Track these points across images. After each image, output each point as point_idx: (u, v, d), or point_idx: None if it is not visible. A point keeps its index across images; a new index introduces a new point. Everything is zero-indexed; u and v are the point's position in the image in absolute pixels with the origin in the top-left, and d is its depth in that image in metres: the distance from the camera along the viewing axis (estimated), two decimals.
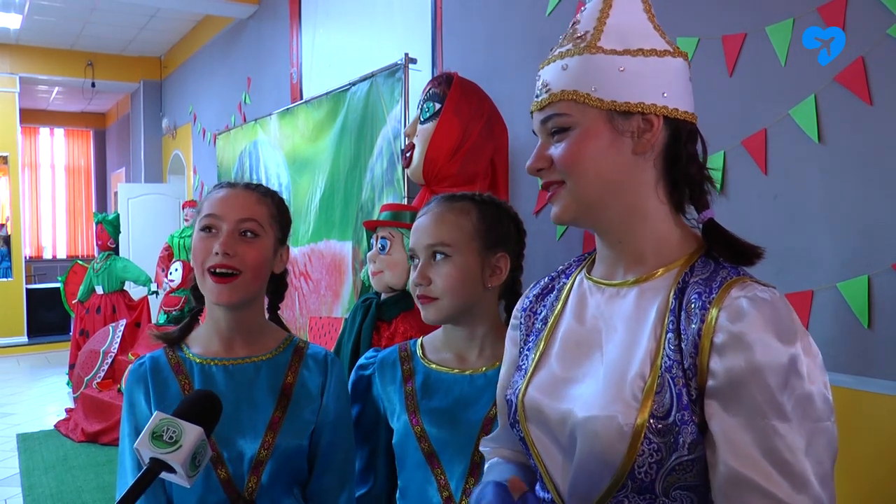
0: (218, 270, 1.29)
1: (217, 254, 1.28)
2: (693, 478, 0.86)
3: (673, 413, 0.86)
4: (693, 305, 0.88)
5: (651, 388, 0.87)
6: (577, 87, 0.94)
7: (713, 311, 0.86)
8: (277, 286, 1.45)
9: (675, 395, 0.86)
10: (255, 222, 1.33)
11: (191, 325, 1.42)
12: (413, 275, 1.34)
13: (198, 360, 1.35)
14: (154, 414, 0.99)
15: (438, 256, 1.31)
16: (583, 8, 1.00)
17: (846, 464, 1.85)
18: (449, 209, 1.34)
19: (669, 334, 0.89)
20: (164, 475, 0.97)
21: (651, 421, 0.86)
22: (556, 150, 0.96)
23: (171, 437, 0.97)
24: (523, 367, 1.06)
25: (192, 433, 0.98)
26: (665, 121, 0.94)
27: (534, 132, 1.01)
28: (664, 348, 0.89)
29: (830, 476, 0.82)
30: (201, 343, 1.38)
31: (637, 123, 0.93)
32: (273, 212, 1.38)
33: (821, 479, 0.81)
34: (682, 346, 0.87)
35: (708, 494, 0.87)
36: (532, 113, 1.01)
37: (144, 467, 0.96)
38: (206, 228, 1.32)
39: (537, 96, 1.00)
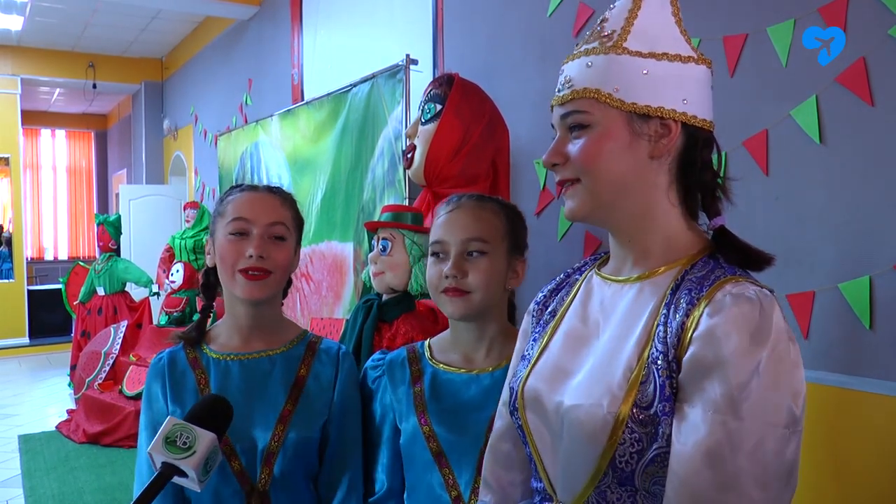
0: (251, 272, 1.35)
1: (251, 256, 1.35)
2: None
3: (655, 404, 0.87)
4: (682, 300, 0.90)
5: (637, 379, 0.89)
6: (600, 86, 0.95)
7: (700, 307, 0.87)
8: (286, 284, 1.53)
9: (658, 386, 0.87)
10: (283, 225, 1.40)
11: (204, 322, 1.48)
12: (442, 267, 1.32)
13: (214, 356, 1.41)
14: (167, 419, 1.01)
15: (474, 252, 1.31)
16: (612, 6, 1.00)
17: (848, 465, 1.85)
18: (483, 208, 1.35)
19: (660, 327, 0.90)
20: (175, 479, 0.99)
21: (634, 410, 0.87)
22: (574, 147, 0.97)
23: (184, 443, 0.99)
24: (527, 356, 1.08)
25: (205, 439, 1.00)
26: (682, 127, 0.95)
27: (552, 126, 1.02)
28: (653, 340, 0.90)
29: (776, 481, 0.81)
30: (220, 339, 1.44)
31: (655, 127, 0.94)
32: (293, 214, 1.45)
33: (760, 482, 0.81)
34: (668, 338, 0.89)
35: None
36: (553, 107, 1.02)
37: (156, 472, 0.97)
38: (237, 232, 1.37)
39: (559, 91, 1.00)
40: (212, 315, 1.52)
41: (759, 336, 0.84)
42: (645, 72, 0.94)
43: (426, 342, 1.46)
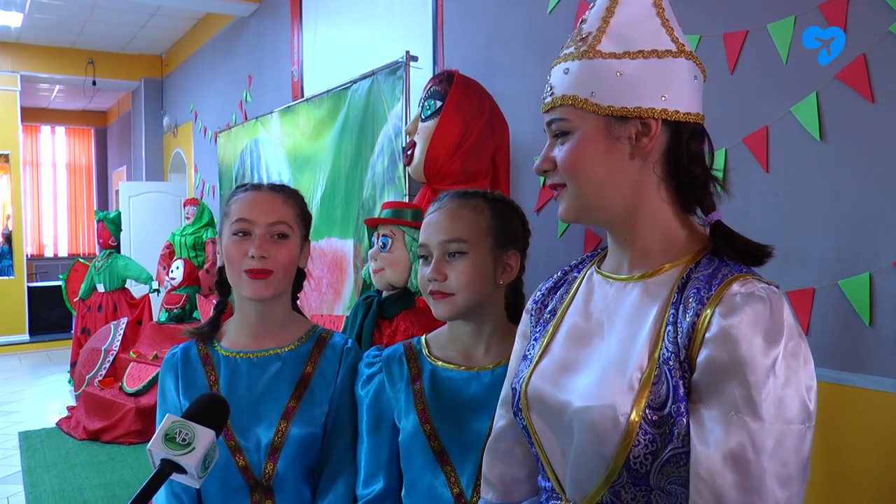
0: (254, 271, 1.38)
1: (253, 257, 1.37)
2: (687, 472, 0.87)
3: (669, 404, 0.87)
4: (691, 300, 0.89)
5: (648, 379, 0.89)
6: (577, 92, 0.95)
7: (710, 307, 0.87)
8: (298, 278, 1.54)
9: (671, 386, 0.87)
10: (286, 224, 1.42)
11: (218, 319, 1.50)
12: (424, 270, 1.33)
13: (224, 353, 1.44)
14: (166, 417, 1.03)
15: (454, 253, 1.31)
16: (592, 4, 0.99)
17: (848, 461, 1.85)
18: (463, 206, 1.34)
19: (669, 327, 0.90)
20: (174, 476, 1.00)
21: (647, 411, 0.87)
22: (558, 154, 0.98)
23: (184, 440, 1.00)
24: (529, 356, 1.07)
25: (204, 436, 1.01)
26: (665, 123, 0.94)
27: (544, 131, 1.02)
28: (663, 340, 0.90)
29: (796, 477, 0.82)
30: (230, 337, 1.47)
31: (635, 128, 0.94)
32: (298, 211, 1.47)
33: (783, 480, 0.81)
34: (678, 339, 0.89)
35: None
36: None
37: (155, 469, 0.99)
38: (239, 232, 1.40)
39: (543, 98, 1.01)
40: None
41: (773, 335, 0.84)
42: (619, 73, 0.93)
43: (422, 338, 1.45)
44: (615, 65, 0.93)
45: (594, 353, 0.97)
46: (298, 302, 1.60)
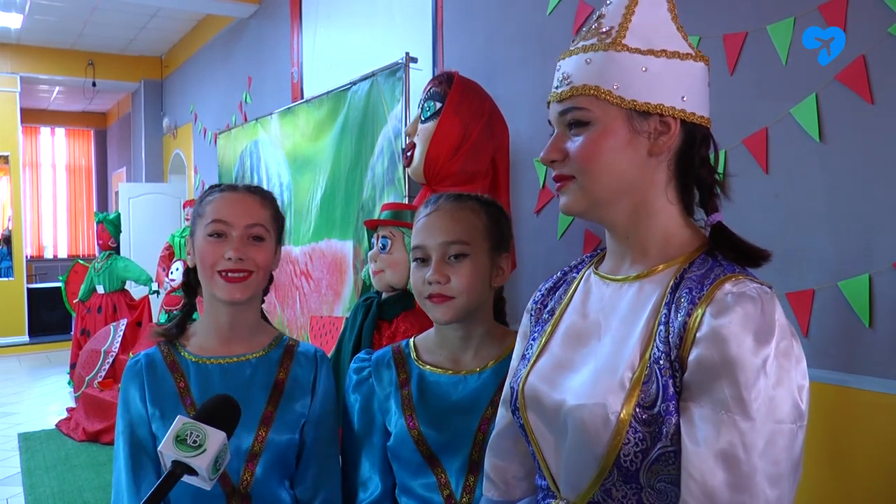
0: (230, 274, 1.36)
1: (230, 259, 1.35)
2: (676, 470, 0.87)
3: (658, 403, 0.87)
4: (683, 300, 0.90)
5: (639, 378, 0.89)
6: (600, 83, 0.94)
7: (701, 307, 0.87)
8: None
9: (661, 385, 0.88)
10: (262, 226, 1.40)
11: (185, 321, 1.48)
12: (422, 273, 1.31)
13: (193, 359, 1.41)
14: (177, 418, 1.02)
15: (455, 255, 1.29)
16: (608, 2, 1.00)
17: (847, 463, 1.85)
18: (461, 208, 1.33)
19: (661, 326, 0.91)
20: (185, 478, 1.00)
21: (637, 410, 0.88)
22: (573, 145, 0.97)
23: (194, 441, 1.00)
24: (527, 356, 1.08)
25: (216, 437, 1.01)
26: (681, 124, 0.95)
27: (549, 122, 1.02)
28: (655, 340, 0.90)
29: (787, 476, 0.83)
30: (198, 341, 1.44)
31: (654, 125, 0.94)
32: (273, 213, 1.45)
33: (773, 479, 0.82)
34: (670, 338, 0.89)
35: None
36: (549, 103, 1.01)
37: (166, 471, 0.99)
38: (215, 234, 1.38)
39: (556, 87, 1.00)
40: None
41: (763, 335, 0.84)
42: (644, 69, 0.94)
43: (411, 340, 1.44)
44: (641, 60, 0.94)
45: (590, 353, 0.98)
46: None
